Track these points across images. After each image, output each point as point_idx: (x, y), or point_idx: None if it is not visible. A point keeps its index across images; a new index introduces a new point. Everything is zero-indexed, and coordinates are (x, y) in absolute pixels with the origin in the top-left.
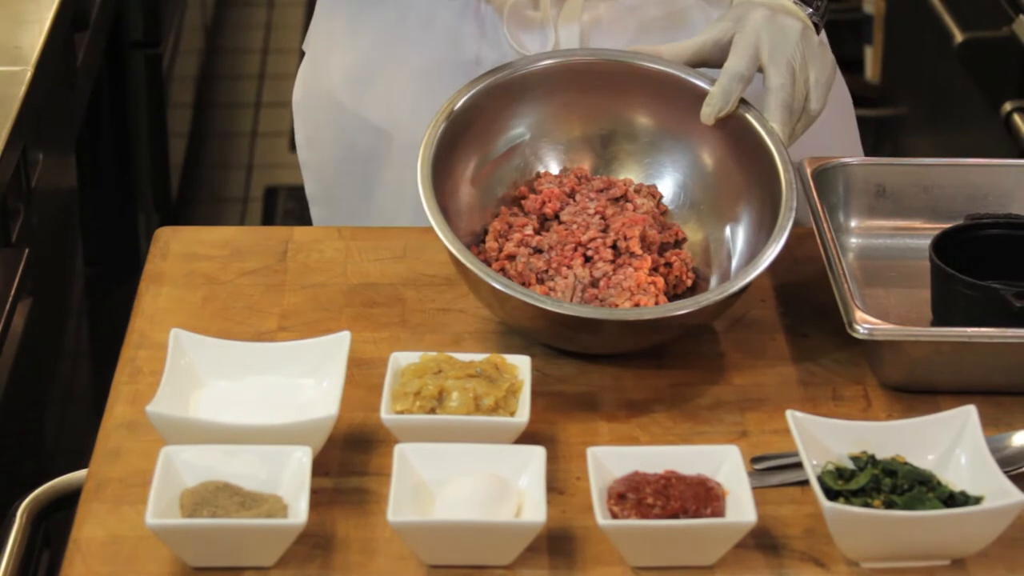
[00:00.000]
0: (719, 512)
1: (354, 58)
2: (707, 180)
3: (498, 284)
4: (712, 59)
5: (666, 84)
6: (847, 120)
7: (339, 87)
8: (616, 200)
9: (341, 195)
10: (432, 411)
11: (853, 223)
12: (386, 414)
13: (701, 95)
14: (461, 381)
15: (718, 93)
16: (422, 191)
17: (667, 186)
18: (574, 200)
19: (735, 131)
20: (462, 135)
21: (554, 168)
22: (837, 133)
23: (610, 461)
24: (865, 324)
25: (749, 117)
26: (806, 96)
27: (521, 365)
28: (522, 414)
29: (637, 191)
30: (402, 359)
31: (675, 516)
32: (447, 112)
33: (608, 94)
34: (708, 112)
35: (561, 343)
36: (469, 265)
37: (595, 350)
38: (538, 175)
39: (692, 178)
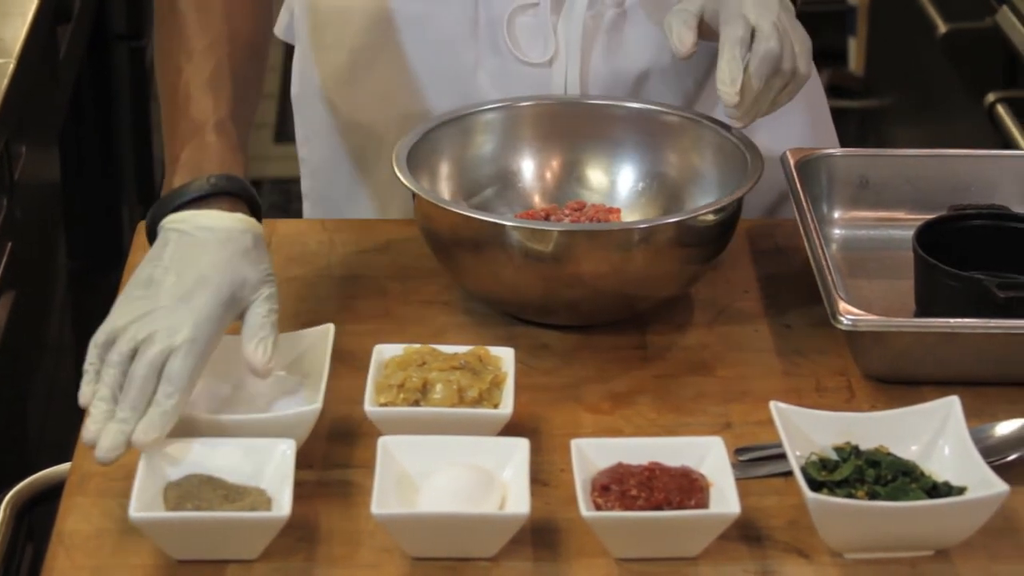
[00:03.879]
0: (703, 504)
1: (343, 57)
2: (678, 190)
3: (475, 214)
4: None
5: (623, 117)
6: (821, 112)
7: (330, 86)
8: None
9: (331, 194)
10: (416, 403)
11: (836, 214)
12: (370, 406)
13: (658, 121)
14: (445, 373)
15: (727, 65)
16: (396, 165)
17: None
18: (548, 221)
19: (693, 139)
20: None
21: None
22: (811, 126)
23: (594, 453)
24: (849, 315)
25: (707, 123)
26: (794, 59)
27: (505, 357)
28: (506, 406)
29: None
30: (386, 351)
31: (659, 508)
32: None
33: (566, 135)
34: (728, 91)
35: (533, 291)
36: (446, 206)
37: (570, 295)
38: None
39: (663, 194)
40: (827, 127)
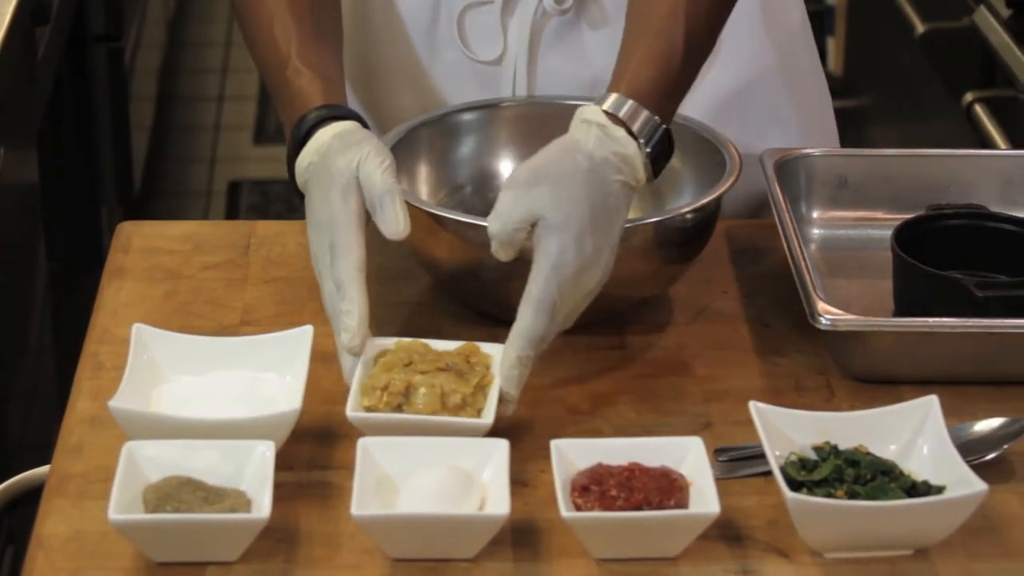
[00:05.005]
0: (683, 504)
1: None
2: (657, 190)
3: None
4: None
5: None
6: (820, 114)
7: None
8: None
9: None
10: (399, 407)
11: (815, 214)
12: (351, 411)
13: None
14: (429, 377)
15: (514, 370)
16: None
17: None
18: None
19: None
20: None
21: None
22: (806, 128)
23: (574, 453)
24: (827, 315)
25: (685, 124)
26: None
27: (494, 354)
28: (487, 415)
29: None
30: (378, 343)
31: (639, 508)
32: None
33: (545, 136)
34: (512, 395)
35: (512, 292)
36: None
37: None
38: None
39: (641, 194)
40: (827, 128)
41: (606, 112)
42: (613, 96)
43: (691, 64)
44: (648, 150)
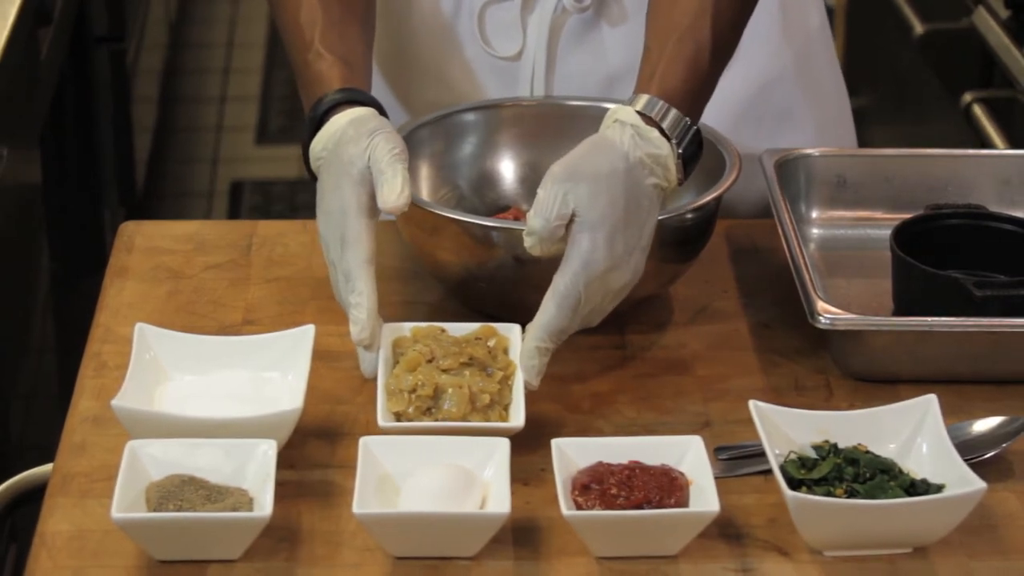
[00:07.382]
0: (683, 502)
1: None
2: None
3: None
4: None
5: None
6: (836, 112)
7: None
8: None
9: None
10: (428, 410)
11: (814, 214)
12: (383, 421)
13: None
14: (455, 376)
15: (534, 363)
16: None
17: None
18: None
19: None
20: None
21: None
22: (818, 128)
23: (574, 452)
24: (827, 314)
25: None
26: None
27: (512, 337)
28: (517, 416)
29: None
30: (393, 330)
31: (639, 506)
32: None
33: (547, 137)
34: (533, 383)
35: (513, 291)
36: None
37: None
38: None
39: None
40: (844, 129)
41: (639, 113)
42: (645, 97)
43: (717, 65)
44: (680, 151)
